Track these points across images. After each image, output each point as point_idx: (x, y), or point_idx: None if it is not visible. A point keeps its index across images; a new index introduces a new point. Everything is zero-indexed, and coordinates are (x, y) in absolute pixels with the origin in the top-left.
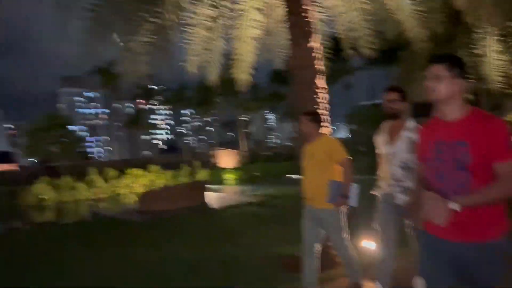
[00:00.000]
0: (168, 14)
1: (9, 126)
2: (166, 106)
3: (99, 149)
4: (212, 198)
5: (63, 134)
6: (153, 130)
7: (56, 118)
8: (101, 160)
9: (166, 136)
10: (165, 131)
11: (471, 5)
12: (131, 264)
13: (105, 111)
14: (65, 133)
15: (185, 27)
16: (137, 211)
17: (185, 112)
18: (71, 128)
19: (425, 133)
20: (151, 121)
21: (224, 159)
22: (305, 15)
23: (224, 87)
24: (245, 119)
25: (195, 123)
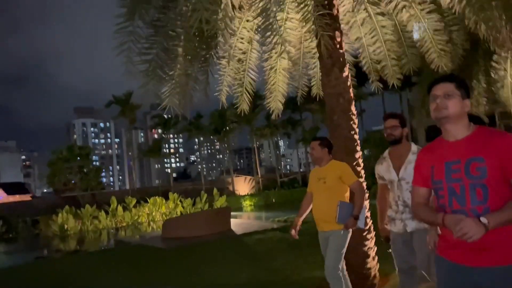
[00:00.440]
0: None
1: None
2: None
3: (111, 178)
4: (235, 224)
5: (83, 164)
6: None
7: (76, 149)
8: (118, 189)
9: (177, 164)
10: (176, 159)
11: (491, 33)
12: None
13: (116, 140)
14: (85, 163)
15: (220, 59)
16: (161, 238)
17: (195, 140)
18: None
19: (429, 156)
20: (165, 150)
21: (241, 185)
22: (338, 46)
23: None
24: (256, 146)
25: (205, 151)
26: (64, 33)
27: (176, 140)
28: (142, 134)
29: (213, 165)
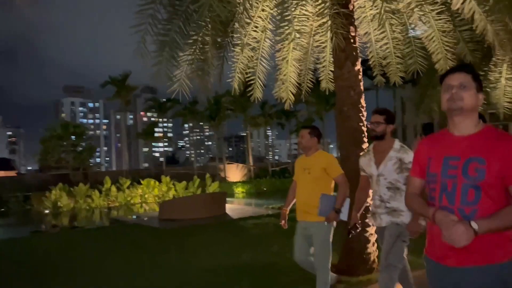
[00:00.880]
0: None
1: (9, 133)
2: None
3: (97, 159)
4: (230, 209)
5: (77, 143)
6: (155, 143)
7: (71, 127)
8: (112, 170)
9: (165, 148)
10: (164, 144)
11: (496, 36)
12: (172, 269)
13: (105, 121)
14: (79, 142)
15: (234, 47)
16: (157, 219)
17: (185, 125)
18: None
19: (429, 147)
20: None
21: (232, 172)
22: (352, 41)
23: (234, 102)
24: (249, 134)
25: (194, 138)
26: (56, 9)
27: (165, 124)
28: (131, 116)
29: (201, 151)
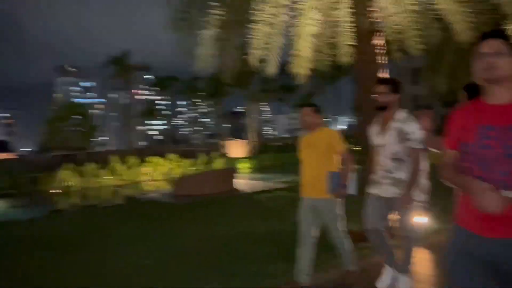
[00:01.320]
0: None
1: (6, 115)
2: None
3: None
4: (240, 185)
5: (80, 123)
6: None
7: (75, 107)
8: (114, 149)
9: (162, 127)
10: (162, 122)
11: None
12: (198, 239)
13: (101, 101)
14: (82, 122)
15: (250, 23)
16: (172, 195)
17: (182, 103)
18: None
19: (463, 116)
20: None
21: (234, 149)
22: (370, 15)
23: (235, 79)
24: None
25: (191, 114)
26: None
27: (161, 102)
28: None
29: (197, 129)
